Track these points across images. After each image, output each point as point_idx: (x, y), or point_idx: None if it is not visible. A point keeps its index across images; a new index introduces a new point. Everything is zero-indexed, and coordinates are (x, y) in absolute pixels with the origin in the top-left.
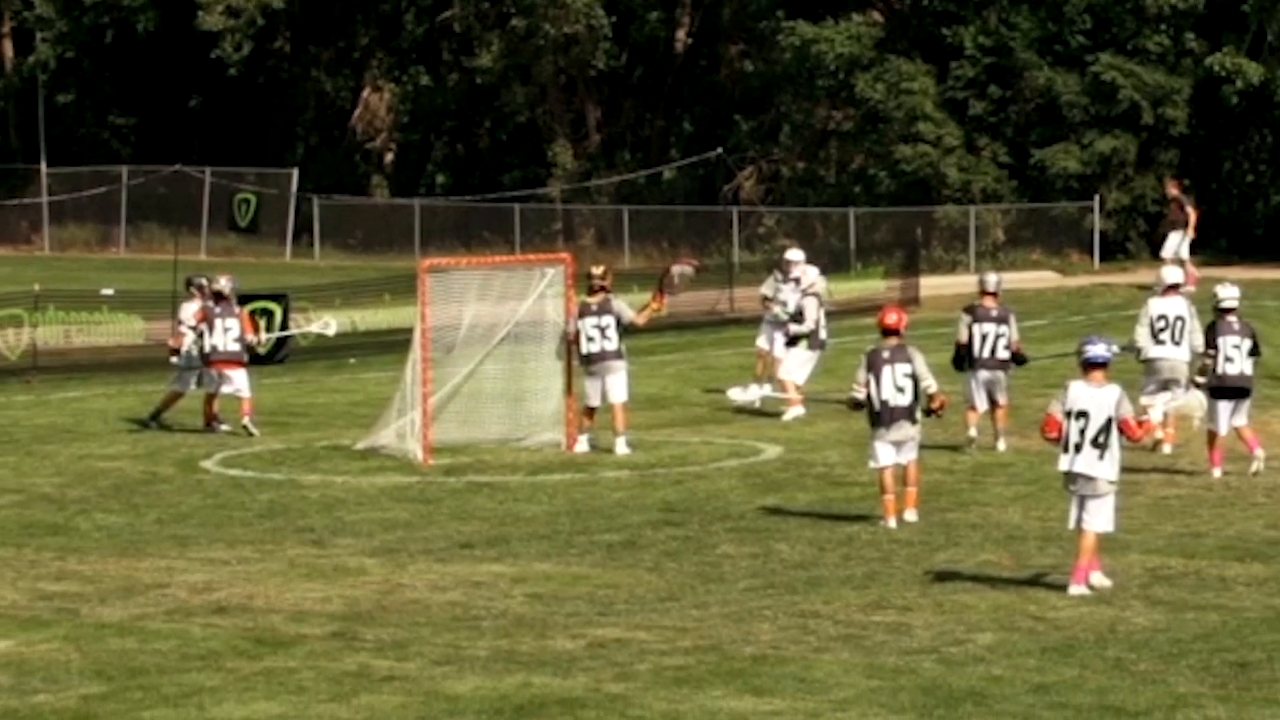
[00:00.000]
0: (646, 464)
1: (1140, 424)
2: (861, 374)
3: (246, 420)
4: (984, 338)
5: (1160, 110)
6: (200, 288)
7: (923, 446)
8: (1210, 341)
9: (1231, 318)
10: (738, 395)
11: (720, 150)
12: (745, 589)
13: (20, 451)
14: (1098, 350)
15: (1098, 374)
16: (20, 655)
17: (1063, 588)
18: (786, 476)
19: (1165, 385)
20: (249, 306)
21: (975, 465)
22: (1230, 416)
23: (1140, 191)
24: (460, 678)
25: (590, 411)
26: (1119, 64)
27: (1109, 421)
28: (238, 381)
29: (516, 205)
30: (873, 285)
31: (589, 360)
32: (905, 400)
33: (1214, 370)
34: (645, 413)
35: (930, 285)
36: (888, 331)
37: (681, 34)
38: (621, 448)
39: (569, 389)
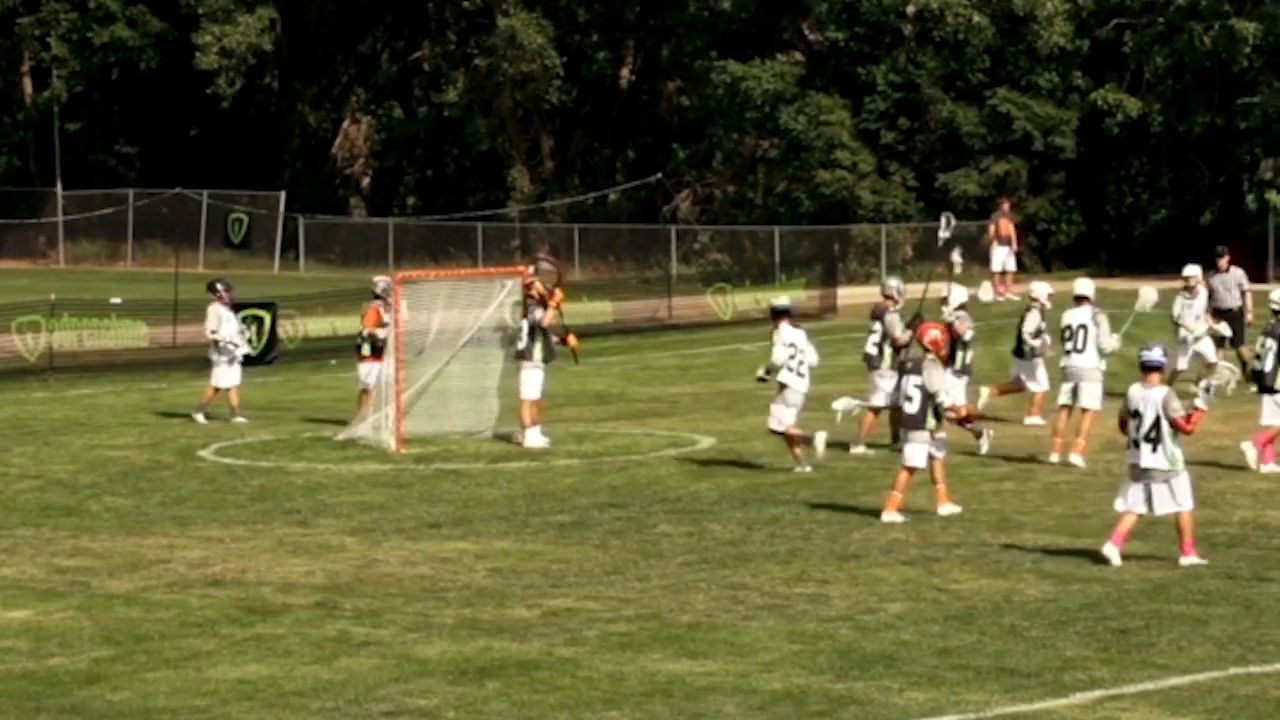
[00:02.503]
0: (594, 453)
1: (1188, 418)
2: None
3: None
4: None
5: (1050, 139)
6: (217, 291)
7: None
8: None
9: None
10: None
11: (660, 175)
12: (682, 564)
13: (38, 442)
14: (1154, 355)
15: (1154, 376)
16: (38, 623)
17: (1043, 575)
18: (719, 464)
19: (1075, 389)
20: (242, 314)
21: (887, 454)
22: None
23: (1032, 211)
24: (429, 643)
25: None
26: (1014, 98)
27: (1158, 419)
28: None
29: (479, 224)
30: (795, 295)
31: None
32: (913, 408)
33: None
34: (593, 407)
35: (846, 295)
36: (922, 346)
37: (625, 72)
38: (530, 439)
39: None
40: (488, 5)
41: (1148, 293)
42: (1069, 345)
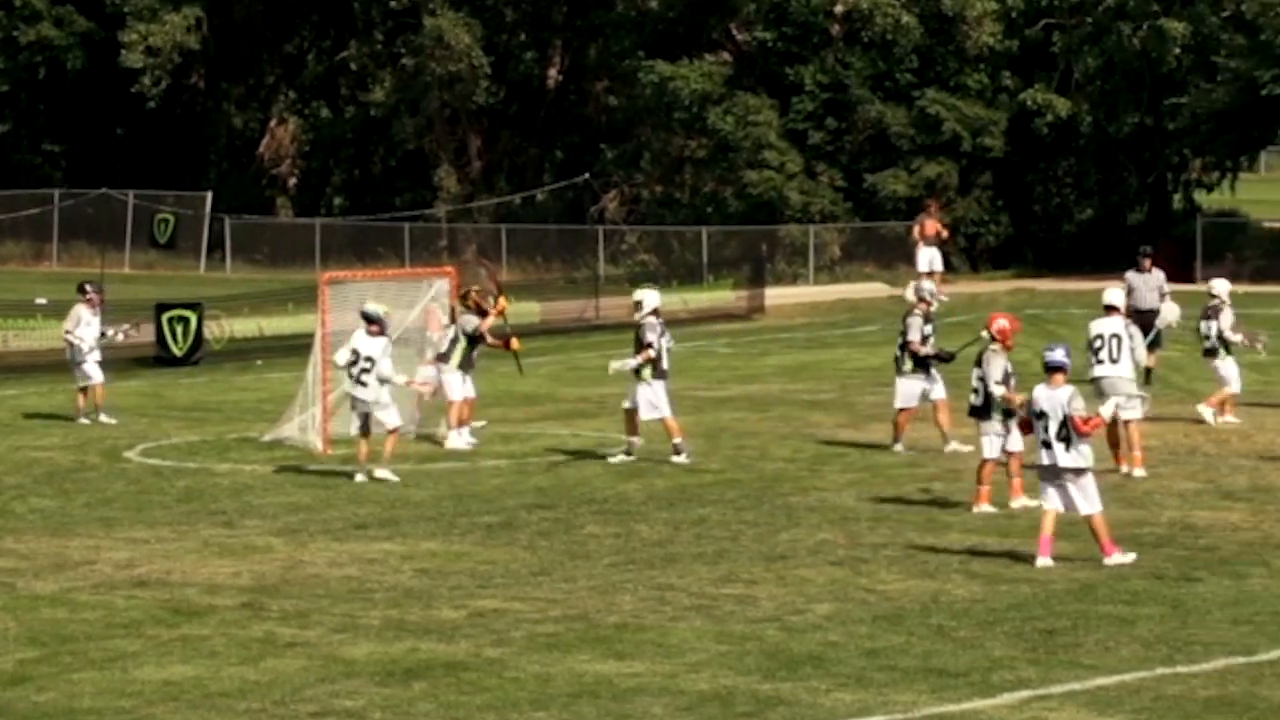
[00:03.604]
0: (522, 454)
1: (1087, 420)
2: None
3: None
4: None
5: (979, 140)
6: (86, 293)
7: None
8: None
9: None
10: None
11: (587, 175)
12: (609, 564)
13: None
14: (1056, 356)
15: (1058, 377)
16: None
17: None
18: (646, 465)
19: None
20: (167, 314)
21: (815, 454)
22: None
23: (960, 212)
24: (355, 644)
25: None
26: (942, 99)
27: (1065, 419)
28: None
29: (406, 224)
30: (723, 295)
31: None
32: (977, 400)
33: None
34: (522, 408)
35: (774, 295)
36: (991, 336)
37: (553, 72)
38: (454, 440)
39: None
40: (415, 5)
41: (1169, 309)
42: (1102, 356)
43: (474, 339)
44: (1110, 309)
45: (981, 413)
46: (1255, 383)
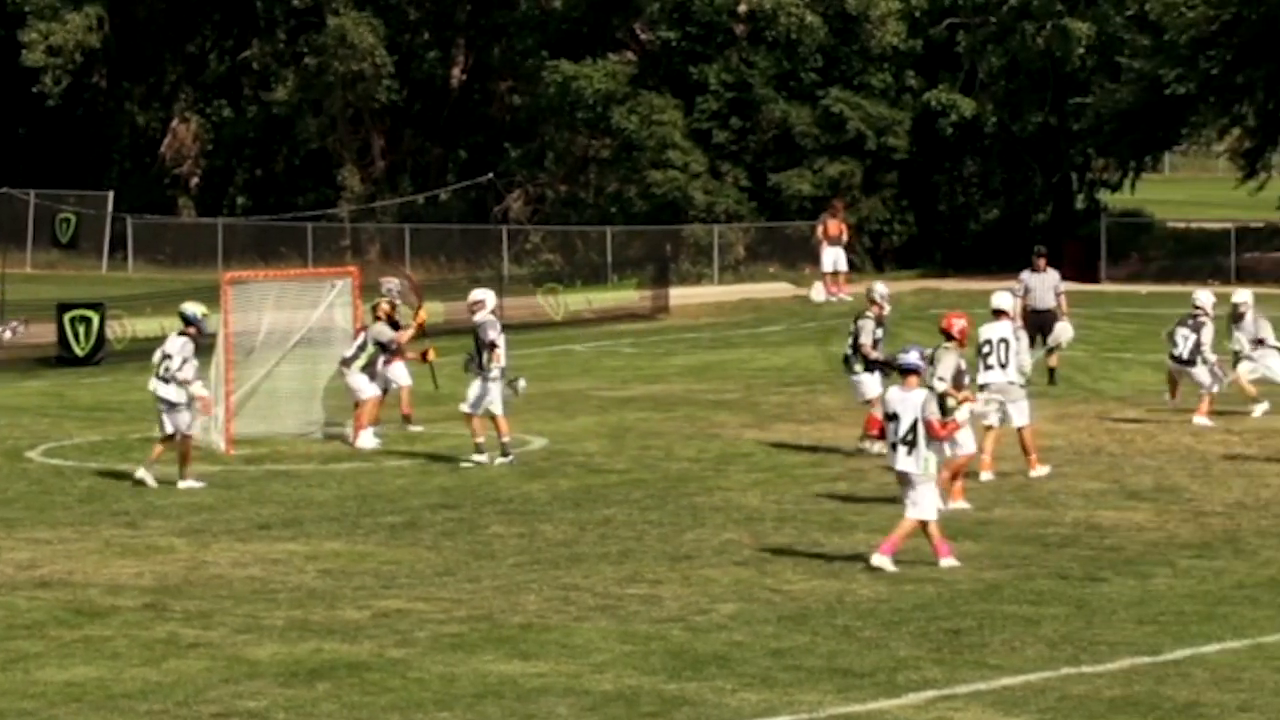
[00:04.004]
0: (426, 454)
1: (944, 425)
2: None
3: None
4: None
5: (883, 139)
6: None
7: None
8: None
9: None
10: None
11: (491, 175)
12: (513, 565)
13: None
14: (911, 359)
15: (912, 380)
16: None
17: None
18: (550, 465)
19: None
20: (69, 314)
21: (720, 454)
22: None
23: (865, 212)
24: (259, 644)
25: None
26: (847, 98)
27: (915, 422)
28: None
29: (309, 224)
30: (627, 295)
31: None
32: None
33: None
34: (424, 409)
35: (678, 295)
36: (943, 334)
37: (456, 71)
38: (362, 440)
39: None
40: (317, 4)
41: (1064, 329)
42: (990, 361)
43: (384, 347)
44: (999, 313)
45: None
46: (1159, 382)
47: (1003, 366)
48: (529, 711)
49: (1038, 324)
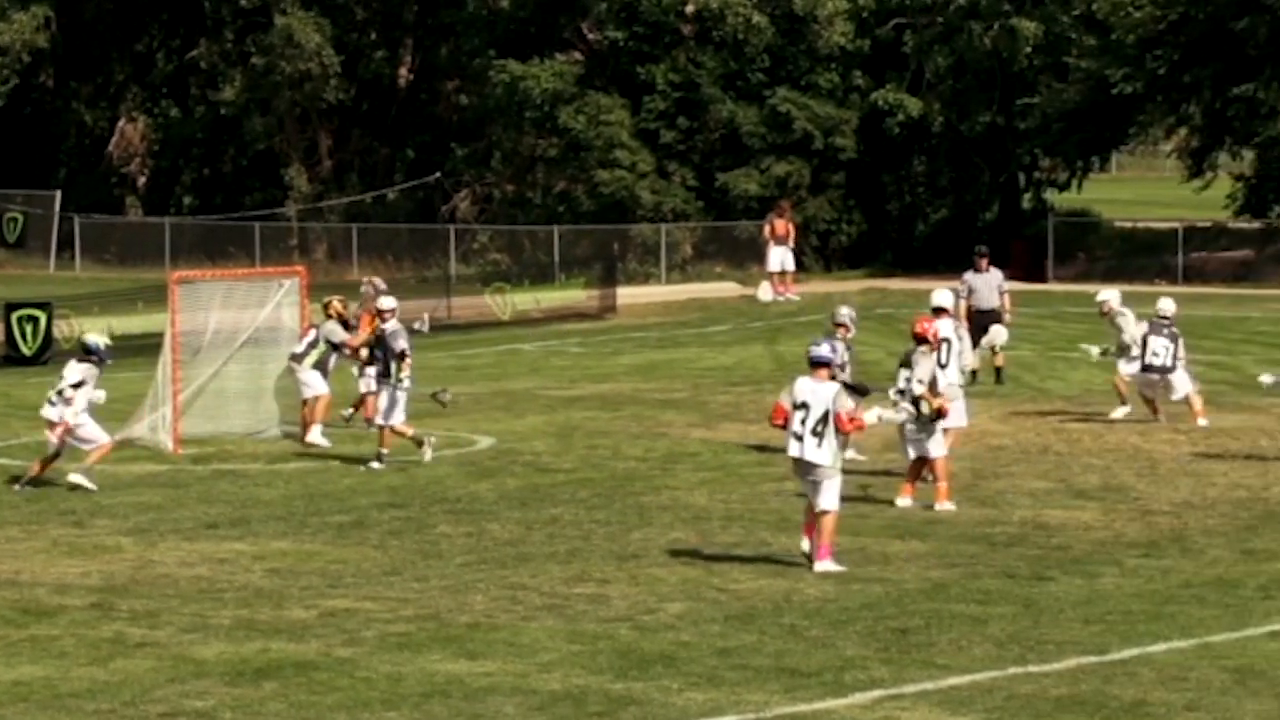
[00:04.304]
0: (373, 454)
1: (852, 419)
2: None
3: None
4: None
5: (830, 139)
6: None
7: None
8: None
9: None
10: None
11: (439, 174)
12: (461, 564)
13: None
14: (822, 351)
15: (822, 371)
16: None
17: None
18: (498, 464)
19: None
20: (16, 314)
21: (668, 453)
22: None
23: (812, 211)
24: (206, 644)
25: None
26: (794, 98)
27: (826, 414)
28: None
29: (257, 224)
30: (574, 295)
31: None
32: (907, 401)
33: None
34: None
35: (626, 295)
36: (915, 338)
37: (404, 71)
38: (313, 436)
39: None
40: (265, 4)
41: (999, 331)
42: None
43: (335, 347)
44: (939, 311)
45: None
46: (1106, 382)
47: (943, 367)
48: (476, 711)
49: (982, 324)
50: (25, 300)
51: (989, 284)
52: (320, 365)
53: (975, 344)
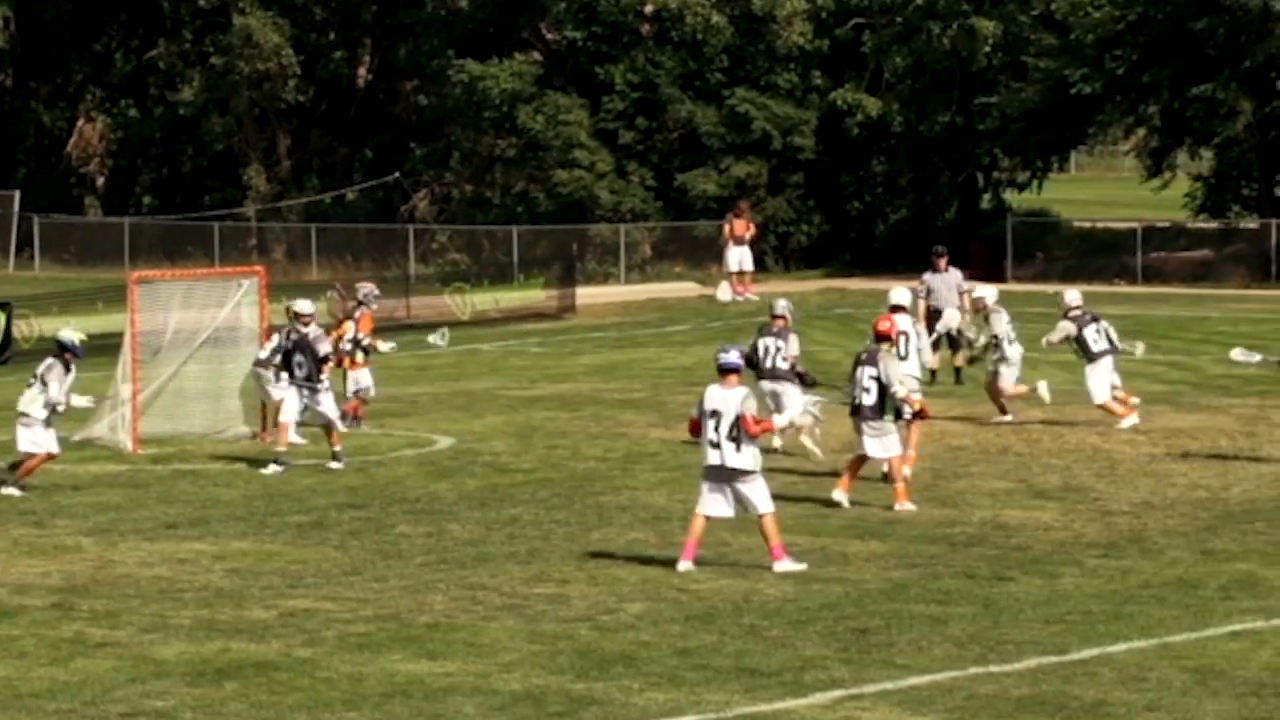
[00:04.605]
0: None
1: (758, 422)
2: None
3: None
4: (765, 350)
5: (789, 139)
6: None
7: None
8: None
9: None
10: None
11: (398, 174)
12: (421, 564)
13: None
14: (731, 357)
15: (732, 378)
16: None
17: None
18: (457, 464)
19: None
20: None
21: (627, 453)
22: None
23: (771, 211)
24: (166, 644)
25: None
26: (752, 98)
27: (737, 418)
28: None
29: (216, 223)
30: (533, 295)
31: None
32: (870, 400)
33: None
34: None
35: (585, 295)
36: (878, 336)
37: (363, 71)
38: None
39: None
40: (224, 4)
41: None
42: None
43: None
44: (897, 309)
45: (874, 412)
46: (1066, 382)
47: (903, 359)
48: (436, 711)
49: None
50: None
51: (948, 284)
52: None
53: (937, 345)
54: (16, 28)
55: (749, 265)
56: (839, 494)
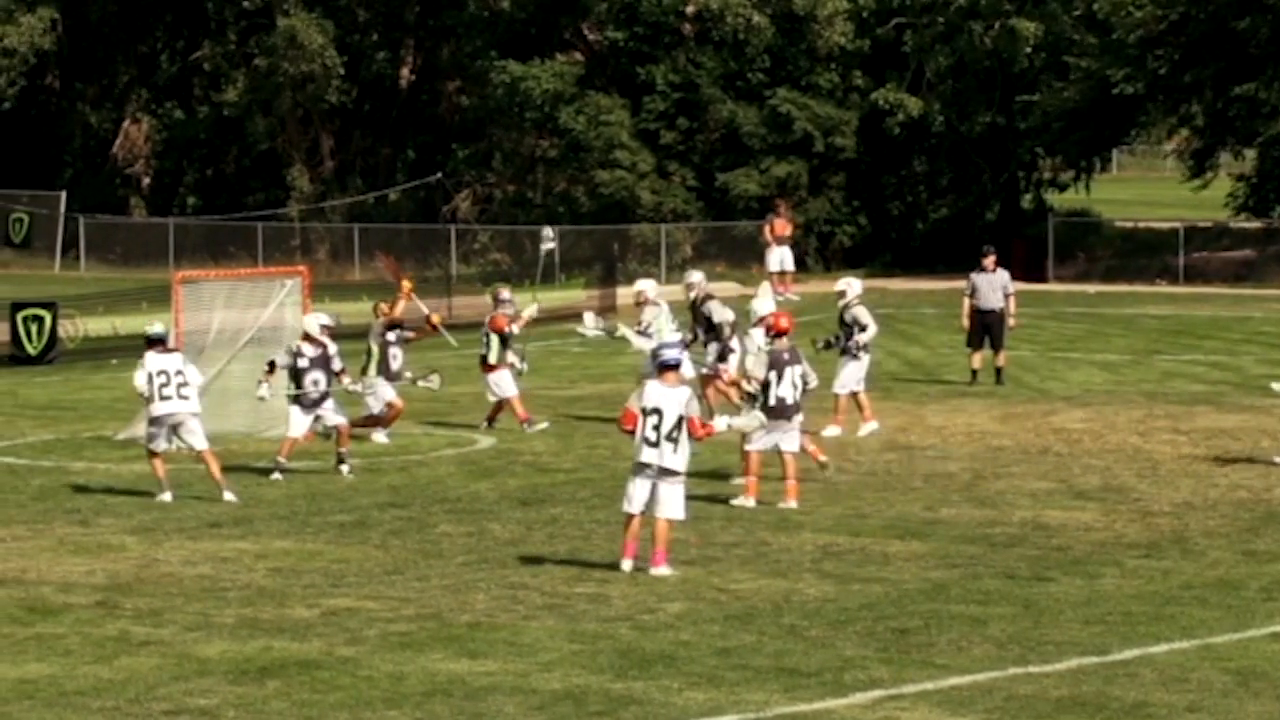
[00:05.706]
0: (374, 453)
1: (703, 425)
2: (761, 370)
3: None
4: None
5: (830, 139)
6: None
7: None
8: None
9: None
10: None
11: (440, 175)
12: (462, 563)
13: None
14: (672, 354)
15: (671, 375)
16: None
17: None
18: (498, 464)
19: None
20: (22, 314)
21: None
22: None
23: (813, 212)
24: (209, 642)
25: None
26: (794, 98)
27: (680, 419)
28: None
29: (259, 224)
30: (575, 295)
31: None
32: (797, 396)
33: None
34: None
35: (626, 295)
36: (781, 334)
37: (405, 72)
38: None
39: None
40: (268, 5)
41: (589, 317)
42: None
43: (390, 342)
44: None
45: (796, 409)
46: (1107, 382)
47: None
48: (477, 710)
49: (984, 324)
50: (30, 300)
51: (994, 284)
52: (385, 371)
53: (979, 345)
54: (63, 30)
55: (790, 265)
56: (746, 501)
